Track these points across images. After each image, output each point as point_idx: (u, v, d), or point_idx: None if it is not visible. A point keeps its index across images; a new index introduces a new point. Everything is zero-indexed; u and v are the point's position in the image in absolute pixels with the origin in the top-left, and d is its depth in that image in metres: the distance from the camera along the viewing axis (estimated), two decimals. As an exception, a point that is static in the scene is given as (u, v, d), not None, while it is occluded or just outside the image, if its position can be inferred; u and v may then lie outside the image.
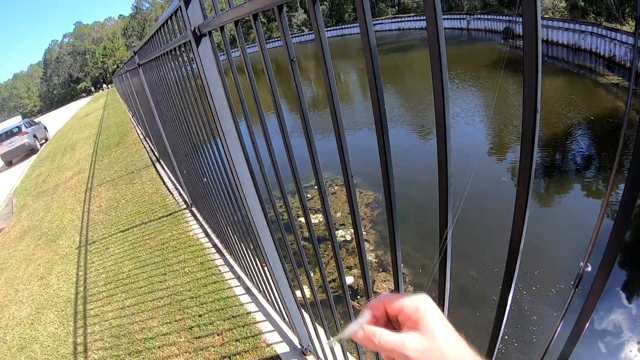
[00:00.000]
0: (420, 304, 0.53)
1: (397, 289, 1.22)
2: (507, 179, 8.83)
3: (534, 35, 0.58)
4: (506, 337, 4.90)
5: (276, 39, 47.91)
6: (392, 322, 0.56)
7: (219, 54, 1.81)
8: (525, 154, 0.68)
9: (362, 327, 0.55)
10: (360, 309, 0.59)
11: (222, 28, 1.56)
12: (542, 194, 8.34)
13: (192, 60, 2.18)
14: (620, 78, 15.11)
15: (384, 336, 0.52)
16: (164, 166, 8.30)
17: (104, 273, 4.95)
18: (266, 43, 1.37)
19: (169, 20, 2.37)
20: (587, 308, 0.79)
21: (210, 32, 1.74)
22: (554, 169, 9.23)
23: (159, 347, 3.31)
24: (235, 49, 1.93)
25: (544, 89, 15.04)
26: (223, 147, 2.03)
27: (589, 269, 0.67)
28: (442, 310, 1.09)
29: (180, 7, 1.85)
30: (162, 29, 2.72)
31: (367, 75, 0.90)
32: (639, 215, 5.79)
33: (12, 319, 4.72)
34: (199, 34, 1.78)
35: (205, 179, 3.34)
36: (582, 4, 21.73)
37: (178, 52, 2.46)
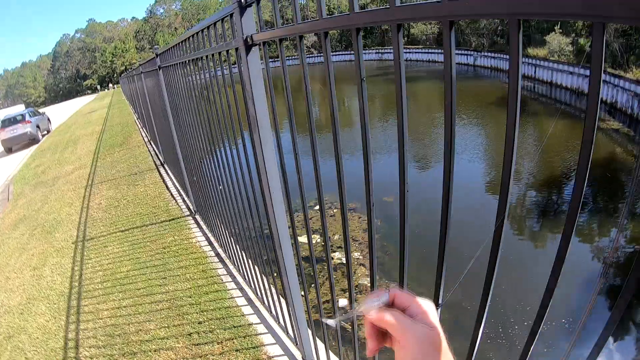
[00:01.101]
0: (429, 303, 0.59)
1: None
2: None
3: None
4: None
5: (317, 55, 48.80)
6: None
7: (269, 63, 1.84)
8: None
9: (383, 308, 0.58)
10: (377, 290, 0.62)
11: (281, 40, 1.59)
12: (536, 232, 8.41)
13: (231, 67, 2.22)
14: (620, 124, 15.39)
15: (389, 315, 0.57)
16: (169, 171, 8.28)
17: (100, 271, 4.88)
18: (292, 59, 1.42)
19: (212, 26, 2.40)
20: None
21: (264, 43, 1.77)
22: (549, 210, 9.31)
23: (155, 351, 3.26)
24: (275, 59, 1.98)
25: (546, 130, 15.24)
26: (256, 156, 2.05)
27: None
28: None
29: (232, 14, 1.89)
30: (201, 33, 2.76)
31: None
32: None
33: (0, 306, 4.65)
34: (250, 42, 1.81)
35: (220, 187, 3.34)
36: (588, 49, 22.00)
37: (216, 59, 2.49)
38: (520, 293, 6.03)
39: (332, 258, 6.80)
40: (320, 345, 2.53)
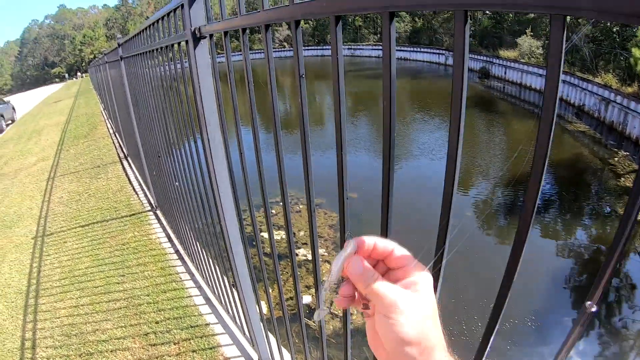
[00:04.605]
0: (423, 269, 0.51)
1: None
2: (470, 214, 9.04)
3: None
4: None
5: (258, 51, 47.98)
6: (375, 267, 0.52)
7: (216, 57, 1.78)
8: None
9: (359, 260, 0.50)
10: (345, 241, 0.53)
11: (226, 33, 1.53)
12: (503, 230, 8.56)
13: (184, 61, 2.14)
14: (587, 126, 15.83)
15: (381, 286, 0.48)
16: (132, 164, 8.10)
17: (59, 267, 4.73)
18: (253, 53, 1.38)
19: (165, 17, 2.32)
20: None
21: (211, 36, 1.71)
22: (516, 208, 9.50)
23: (111, 351, 3.16)
24: (235, 53, 1.92)
25: (513, 131, 15.63)
26: (205, 153, 1.98)
27: (594, 309, 0.66)
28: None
29: (182, 4, 1.81)
30: (156, 24, 2.67)
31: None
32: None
33: (-46, 304, 4.46)
34: (198, 35, 1.74)
35: (177, 183, 3.26)
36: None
37: (169, 51, 2.41)
38: (483, 290, 6.12)
39: (297, 255, 6.77)
40: (276, 345, 2.49)
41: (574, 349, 5.33)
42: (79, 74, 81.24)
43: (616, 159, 12.08)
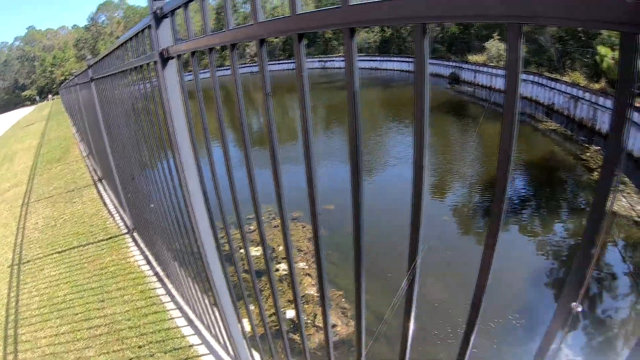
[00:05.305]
0: None
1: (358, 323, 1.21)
2: (448, 218, 9.14)
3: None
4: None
5: (227, 67, 47.64)
6: None
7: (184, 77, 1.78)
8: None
9: None
10: None
11: (193, 53, 1.52)
12: (480, 232, 8.67)
13: (154, 81, 2.13)
14: (558, 124, 16.23)
15: None
16: (106, 187, 7.98)
17: (37, 296, 4.62)
18: (217, 70, 1.39)
19: (134, 38, 2.30)
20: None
21: (179, 56, 1.70)
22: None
23: (93, 379, 3.09)
24: (189, 73, 1.91)
25: (485, 133, 15.90)
26: (178, 173, 1.97)
27: (580, 308, 0.68)
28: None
29: (150, 25, 1.80)
30: (124, 46, 2.65)
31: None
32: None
33: None
34: (166, 56, 1.73)
35: (152, 205, 3.22)
36: (526, 54, 23.31)
37: (139, 72, 2.39)
38: (465, 292, 6.15)
39: (278, 269, 6.73)
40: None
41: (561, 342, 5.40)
42: (50, 96, 79.79)
43: (588, 154, 12.41)
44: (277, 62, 49.03)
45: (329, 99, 25.60)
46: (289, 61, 49.65)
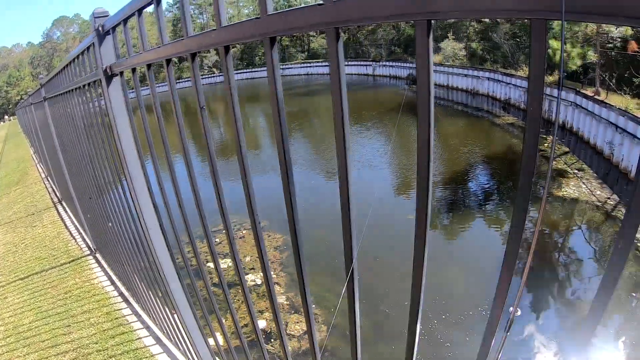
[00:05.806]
0: None
1: (309, 329, 1.22)
2: (412, 217, 9.29)
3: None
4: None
5: (186, 79, 47.20)
6: None
7: (128, 94, 1.76)
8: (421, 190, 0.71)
9: None
10: None
11: (134, 70, 1.51)
12: (446, 226, 8.84)
13: (102, 99, 2.10)
14: (515, 118, 16.75)
15: None
16: (67, 208, 7.78)
17: (2, 325, 4.46)
18: (177, 83, 1.38)
19: (80, 56, 2.27)
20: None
21: (122, 73, 1.69)
22: (457, 204, 9.84)
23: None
24: (145, 87, 1.89)
25: (445, 131, 16.31)
26: (130, 191, 1.94)
27: (519, 313, 0.70)
28: (355, 345, 1.11)
29: (93, 43, 1.78)
30: (72, 64, 2.60)
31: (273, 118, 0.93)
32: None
33: None
34: (110, 73, 1.72)
35: (110, 224, 3.16)
36: (480, 52, 24.01)
37: (87, 90, 2.35)
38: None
39: (246, 281, 6.69)
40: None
41: (534, 325, 5.54)
42: (6, 116, 77.14)
43: (545, 144, 12.80)
44: (236, 71, 49.41)
45: (291, 106, 25.68)
46: (247, 70, 49.91)
